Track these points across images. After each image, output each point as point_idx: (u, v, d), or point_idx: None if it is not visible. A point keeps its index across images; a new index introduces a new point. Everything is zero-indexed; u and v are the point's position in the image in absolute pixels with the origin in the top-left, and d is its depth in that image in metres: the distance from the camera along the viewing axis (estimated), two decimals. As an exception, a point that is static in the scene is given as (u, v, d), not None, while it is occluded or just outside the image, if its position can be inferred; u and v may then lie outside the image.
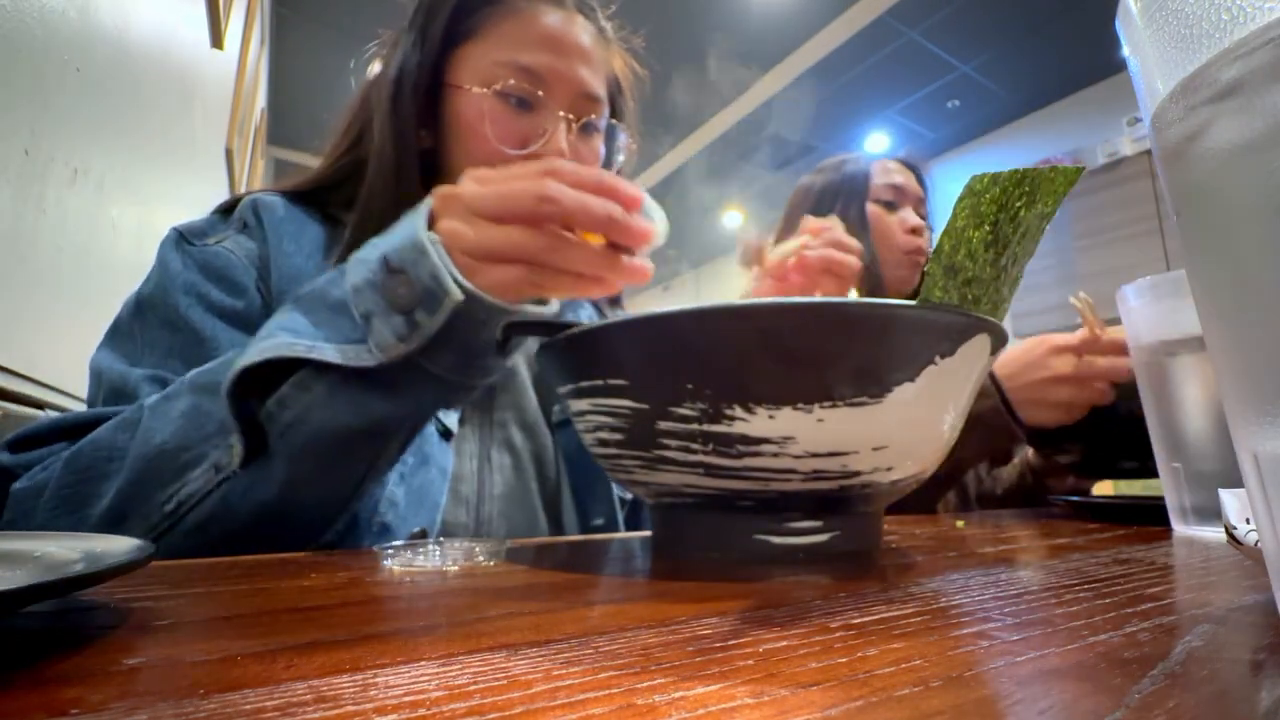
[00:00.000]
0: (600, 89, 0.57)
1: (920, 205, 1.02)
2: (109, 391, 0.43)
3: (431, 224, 0.38)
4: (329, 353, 0.36)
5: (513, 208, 0.36)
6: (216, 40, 1.75)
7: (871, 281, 0.94)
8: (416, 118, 0.54)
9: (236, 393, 0.36)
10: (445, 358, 0.38)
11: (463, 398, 0.43)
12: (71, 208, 0.87)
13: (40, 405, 0.75)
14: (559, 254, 0.37)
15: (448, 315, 0.36)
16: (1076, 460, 0.73)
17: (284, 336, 0.37)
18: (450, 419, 0.52)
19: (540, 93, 0.54)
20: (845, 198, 1.00)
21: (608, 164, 0.61)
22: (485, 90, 0.53)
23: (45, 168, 0.78)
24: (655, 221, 0.40)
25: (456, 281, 0.36)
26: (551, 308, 0.42)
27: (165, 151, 1.38)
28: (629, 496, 0.59)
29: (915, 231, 0.98)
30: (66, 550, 0.21)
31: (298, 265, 0.50)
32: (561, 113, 0.54)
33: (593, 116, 0.57)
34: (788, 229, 1.03)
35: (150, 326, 0.46)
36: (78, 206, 0.90)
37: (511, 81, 0.53)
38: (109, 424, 0.39)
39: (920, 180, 1.04)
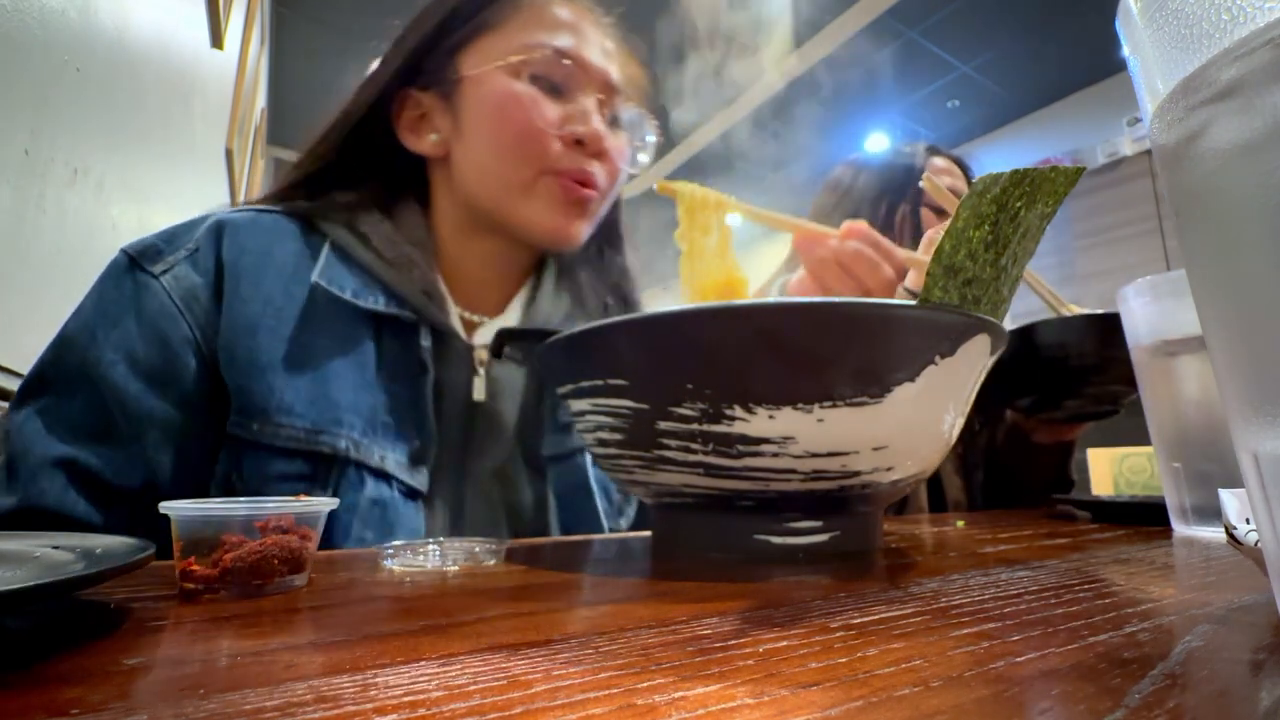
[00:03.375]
0: (621, 81, 0.56)
1: None
2: (12, 457, 0.39)
3: None
4: None
5: None
6: (216, 40, 1.75)
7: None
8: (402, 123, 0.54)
9: None
10: None
11: None
12: (71, 207, 0.87)
13: (40, 405, 0.75)
14: None
15: None
16: (1028, 405, 0.71)
17: None
18: (418, 479, 0.49)
19: (571, 76, 0.52)
20: (894, 199, 0.90)
21: (632, 156, 0.59)
22: (512, 75, 0.51)
23: (45, 168, 0.78)
24: None
25: None
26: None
27: (165, 151, 1.38)
28: (622, 525, 0.58)
29: None
30: (66, 550, 0.21)
31: (254, 311, 0.46)
32: (594, 95, 0.53)
33: (617, 109, 0.56)
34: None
35: (69, 375, 0.42)
36: (78, 206, 0.89)
37: (548, 53, 0.51)
38: None
39: (969, 179, 0.92)
